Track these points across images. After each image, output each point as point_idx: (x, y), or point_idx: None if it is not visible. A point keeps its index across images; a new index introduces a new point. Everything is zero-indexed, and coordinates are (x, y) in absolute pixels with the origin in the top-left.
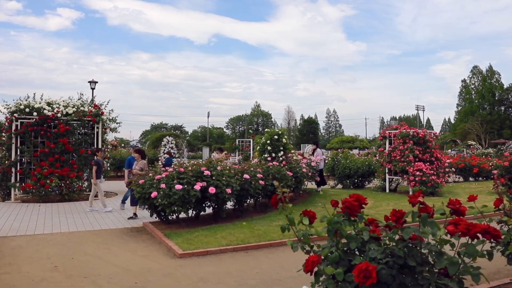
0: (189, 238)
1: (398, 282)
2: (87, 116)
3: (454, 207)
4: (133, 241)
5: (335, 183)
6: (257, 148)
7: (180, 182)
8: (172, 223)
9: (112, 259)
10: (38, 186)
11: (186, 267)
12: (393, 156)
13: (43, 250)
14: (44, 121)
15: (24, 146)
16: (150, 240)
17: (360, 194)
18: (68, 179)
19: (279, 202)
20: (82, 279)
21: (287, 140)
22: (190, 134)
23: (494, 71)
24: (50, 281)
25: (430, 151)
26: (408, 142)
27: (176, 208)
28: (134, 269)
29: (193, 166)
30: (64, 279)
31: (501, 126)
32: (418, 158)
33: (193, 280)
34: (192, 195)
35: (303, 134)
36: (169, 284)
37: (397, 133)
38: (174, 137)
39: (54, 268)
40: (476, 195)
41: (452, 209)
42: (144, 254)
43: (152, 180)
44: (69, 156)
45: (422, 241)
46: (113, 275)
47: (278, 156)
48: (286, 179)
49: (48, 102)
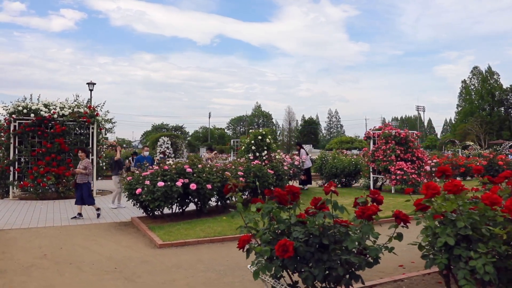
0: (171, 231)
1: (316, 258)
2: (82, 117)
3: (373, 196)
4: (120, 234)
5: (323, 182)
6: (242, 148)
7: (163, 179)
8: (158, 218)
9: (98, 249)
10: (35, 184)
11: (163, 255)
12: (376, 156)
13: (35, 241)
14: (41, 122)
15: (22, 146)
16: (135, 233)
17: (294, 186)
18: (64, 177)
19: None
20: (67, 265)
21: (270, 141)
22: (191, 134)
23: (493, 72)
24: (38, 266)
25: (412, 150)
26: (390, 142)
27: (159, 203)
28: (116, 257)
29: (177, 164)
30: (51, 265)
31: (501, 127)
32: (399, 158)
33: (167, 266)
34: (174, 191)
35: (304, 134)
36: (145, 269)
37: (380, 134)
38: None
39: (44, 256)
40: (412, 188)
41: (372, 198)
42: (128, 245)
43: (138, 177)
44: (65, 155)
45: (335, 224)
46: (96, 262)
47: (261, 155)
48: (267, 177)
49: (45, 104)
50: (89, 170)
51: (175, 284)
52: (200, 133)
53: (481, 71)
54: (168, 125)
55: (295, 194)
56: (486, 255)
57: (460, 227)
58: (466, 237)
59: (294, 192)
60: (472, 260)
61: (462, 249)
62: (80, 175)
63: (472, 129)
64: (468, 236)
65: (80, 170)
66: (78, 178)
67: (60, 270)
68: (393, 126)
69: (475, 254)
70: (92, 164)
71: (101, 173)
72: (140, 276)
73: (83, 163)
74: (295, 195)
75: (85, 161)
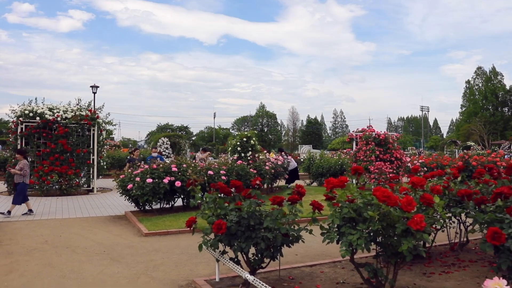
0: (157, 222)
1: (246, 235)
2: (84, 119)
3: (298, 189)
4: (113, 225)
5: (311, 181)
6: (229, 149)
7: (151, 176)
8: (148, 212)
9: (91, 236)
10: (40, 182)
11: (147, 242)
12: (358, 156)
13: (38, 231)
14: (45, 124)
15: (28, 147)
16: (126, 224)
17: (238, 181)
18: (66, 176)
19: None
20: (64, 248)
21: (255, 142)
22: (197, 134)
23: (497, 72)
24: (40, 249)
25: (391, 151)
26: (370, 143)
27: (148, 198)
28: (106, 243)
29: (165, 164)
30: (50, 249)
31: (505, 127)
32: (379, 158)
33: (148, 250)
34: (161, 187)
35: (307, 134)
36: (129, 252)
37: (362, 135)
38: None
39: (45, 242)
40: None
41: (296, 191)
42: (118, 234)
43: (130, 175)
44: (68, 155)
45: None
46: (88, 246)
47: (246, 156)
48: (249, 175)
49: (50, 108)
50: (25, 172)
51: (151, 263)
52: (205, 133)
53: (485, 71)
54: (173, 125)
55: (239, 187)
56: (362, 232)
57: (345, 212)
58: (352, 219)
59: (237, 185)
60: (350, 235)
61: (346, 228)
62: (17, 175)
63: (475, 129)
64: (353, 218)
65: (16, 171)
66: (15, 178)
67: (57, 252)
68: (364, 128)
69: (353, 231)
70: (94, 164)
71: (102, 172)
72: (124, 257)
73: (19, 164)
74: (238, 188)
75: (22, 163)
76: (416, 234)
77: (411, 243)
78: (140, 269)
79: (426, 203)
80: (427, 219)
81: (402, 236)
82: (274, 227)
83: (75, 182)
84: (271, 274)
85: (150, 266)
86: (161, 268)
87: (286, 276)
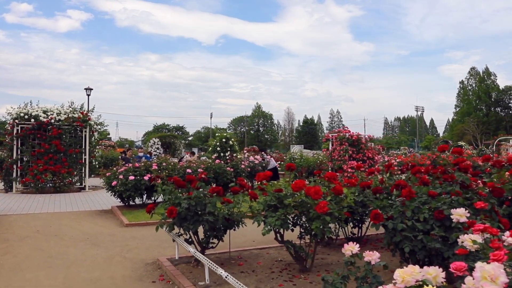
0: (138, 215)
1: (195, 219)
2: (76, 121)
3: (239, 183)
4: (99, 218)
5: None
6: (209, 149)
7: (134, 174)
8: (132, 207)
9: (78, 227)
10: (35, 180)
11: (126, 231)
12: (333, 156)
13: (31, 222)
14: (40, 126)
15: (24, 147)
16: (111, 217)
17: (192, 176)
18: (60, 174)
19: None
20: (53, 236)
21: (233, 143)
22: (193, 134)
23: (490, 73)
24: (32, 237)
25: (363, 151)
26: (344, 143)
27: (130, 193)
28: (91, 232)
29: (146, 163)
30: (41, 236)
31: (497, 127)
32: (352, 157)
33: (126, 237)
34: (142, 184)
35: (303, 134)
36: (109, 239)
37: (337, 136)
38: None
39: (36, 231)
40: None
41: (238, 184)
42: (102, 225)
43: (115, 173)
44: (61, 155)
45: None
46: (74, 235)
47: (225, 155)
48: (226, 173)
49: (44, 110)
50: None
51: (126, 247)
52: (202, 133)
53: (478, 71)
54: (169, 125)
55: (192, 181)
56: (280, 215)
57: (269, 199)
58: (275, 205)
59: (191, 179)
60: (270, 218)
61: (269, 212)
62: None
63: (468, 129)
64: (275, 205)
65: None
66: None
67: (47, 239)
68: (348, 129)
69: (274, 215)
70: (86, 163)
71: (94, 171)
72: (104, 243)
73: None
74: (191, 182)
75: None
76: (321, 216)
77: (319, 224)
78: (116, 251)
79: (336, 193)
80: (334, 205)
81: (315, 219)
82: (214, 212)
83: (68, 180)
84: (224, 254)
85: (125, 249)
86: (134, 251)
87: (236, 256)
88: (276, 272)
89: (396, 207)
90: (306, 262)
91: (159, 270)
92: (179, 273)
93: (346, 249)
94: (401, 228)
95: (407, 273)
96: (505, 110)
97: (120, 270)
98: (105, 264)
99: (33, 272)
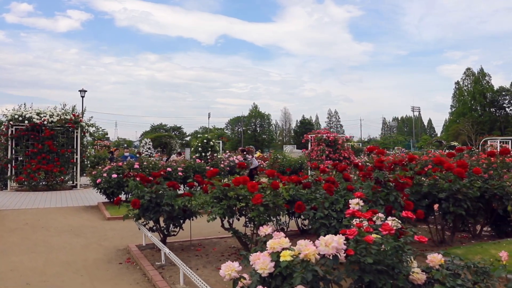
0: (120, 210)
1: (155, 210)
2: (68, 123)
3: (196, 179)
4: (84, 212)
5: None
6: (191, 150)
7: (117, 172)
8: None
9: (64, 220)
10: (29, 179)
11: (107, 224)
12: (312, 156)
13: (21, 216)
14: (33, 127)
15: (18, 147)
16: (96, 212)
17: (157, 173)
18: (52, 173)
19: (126, 177)
20: (40, 228)
21: (214, 143)
22: (191, 134)
23: (485, 73)
24: (21, 229)
25: (339, 151)
26: (321, 144)
27: (113, 190)
28: (75, 224)
29: (129, 162)
30: (29, 228)
31: (492, 128)
32: (328, 157)
33: (106, 229)
34: (124, 181)
35: (299, 134)
36: (90, 231)
37: (315, 137)
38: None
39: (25, 224)
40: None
41: (195, 179)
42: (87, 219)
43: (100, 171)
44: (53, 155)
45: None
46: (60, 227)
47: (206, 155)
48: (205, 172)
49: (37, 112)
50: None
51: (104, 237)
52: (200, 133)
53: (473, 72)
54: (166, 125)
55: (155, 177)
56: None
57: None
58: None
59: (155, 176)
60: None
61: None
62: None
63: (463, 129)
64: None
65: None
66: None
67: (34, 230)
68: (328, 130)
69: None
70: (78, 162)
71: (85, 171)
72: (85, 233)
73: None
74: (155, 177)
75: None
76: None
77: (256, 213)
78: (93, 240)
79: (274, 187)
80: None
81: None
82: (171, 203)
83: (60, 179)
84: (186, 242)
85: (102, 239)
86: (110, 240)
87: (197, 243)
88: (225, 256)
89: (317, 199)
90: (251, 247)
91: (127, 254)
92: (142, 256)
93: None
94: (319, 217)
95: (275, 243)
96: (499, 110)
97: (94, 255)
98: (82, 251)
99: (18, 256)
